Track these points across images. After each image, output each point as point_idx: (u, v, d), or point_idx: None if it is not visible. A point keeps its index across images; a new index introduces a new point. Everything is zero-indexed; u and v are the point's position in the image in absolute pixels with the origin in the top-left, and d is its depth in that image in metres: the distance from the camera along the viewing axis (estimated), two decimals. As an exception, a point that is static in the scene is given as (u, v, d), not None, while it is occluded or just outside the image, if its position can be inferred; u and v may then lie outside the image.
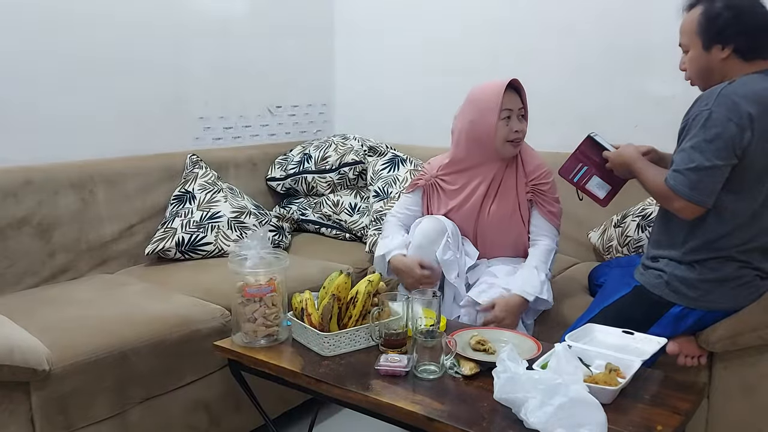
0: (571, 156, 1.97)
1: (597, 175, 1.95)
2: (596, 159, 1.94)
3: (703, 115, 1.61)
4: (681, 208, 1.66)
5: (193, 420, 1.92)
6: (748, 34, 1.64)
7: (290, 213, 2.93)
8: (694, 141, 1.62)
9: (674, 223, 1.74)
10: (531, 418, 1.23)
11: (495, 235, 2.07)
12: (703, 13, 1.67)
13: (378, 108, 3.32)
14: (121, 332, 1.76)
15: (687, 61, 1.74)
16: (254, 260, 1.68)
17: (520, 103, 1.99)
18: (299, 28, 3.24)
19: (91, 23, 2.40)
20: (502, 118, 1.95)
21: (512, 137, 1.97)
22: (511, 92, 1.97)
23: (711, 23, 1.66)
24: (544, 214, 2.04)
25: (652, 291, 1.75)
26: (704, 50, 1.68)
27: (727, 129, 1.58)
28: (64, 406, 1.62)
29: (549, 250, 2.03)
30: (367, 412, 1.47)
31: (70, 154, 2.36)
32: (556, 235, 2.07)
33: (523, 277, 1.94)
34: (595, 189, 1.97)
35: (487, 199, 2.05)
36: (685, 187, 1.62)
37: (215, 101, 2.89)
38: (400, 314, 1.66)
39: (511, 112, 1.96)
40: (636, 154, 1.82)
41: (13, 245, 2.11)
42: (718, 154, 1.59)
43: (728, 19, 1.63)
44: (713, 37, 1.66)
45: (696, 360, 1.76)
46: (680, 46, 1.76)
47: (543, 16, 2.74)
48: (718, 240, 1.68)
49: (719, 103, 1.59)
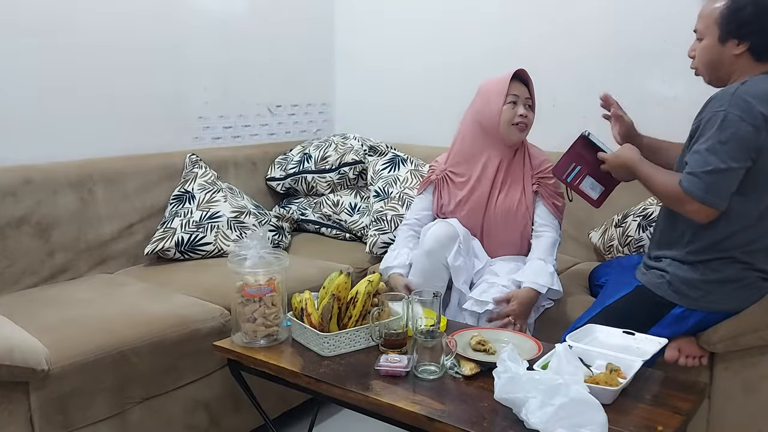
0: (564, 155, 1.93)
1: (590, 176, 1.92)
2: (590, 159, 1.90)
3: (718, 116, 1.57)
4: (695, 211, 1.63)
5: (192, 420, 1.92)
6: (766, 35, 1.60)
7: (290, 213, 2.92)
8: (709, 143, 1.58)
9: (680, 223, 1.72)
10: (531, 419, 1.22)
11: (501, 229, 2.08)
12: (729, 4, 1.62)
13: (378, 108, 3.31)
14: (120, 332, 1.76)
15: (698, 49, 1.69)
16: (254, 260, 1.68)
17: (527, 93, 2.04)
18: (299, 28, 3.23)
19: (90, 23, 2.39)
20: (508, 102, 2.01)
21: (517, 120, 2.00)
22: (518, 83, 2.03)
23: (734, 15, 1.61)
24: (549, 206, 2.06)
25: (654, 291, 1.74)
26: (719, 42, 1.64)
27: (742, 130, 1.55)
28: (64, 406, 1.62)
29: (554, 241, 2.04)
30: (367, 412, 1.47)
31: (70, 153, 2.36)
32: (559, 229, 2.08)
33: (533, 270, 1.96)
34: (588, 190, 1.93)
35: (494, 189, 2.07)
36: (700, 191, 1.58)
37: (215, 100, 2.89)
38: (400, 314, 1.66)
39: (517, 98, 2.01)
40: (638, 157, 1.78)
41: (12, 245, 2.11)
42: (733, 156, 1.56)
43: (751, 15, 1.59)
44: (732, 31, 1.62)
45: (697, 360, 1.76)
46: (694, 32, 1.71)
47: (543, 16, 2.73)
48: (723, 240, 1.67)
49: (733, 104, 1.56)
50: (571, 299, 2.07)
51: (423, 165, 2.78)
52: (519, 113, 2.00)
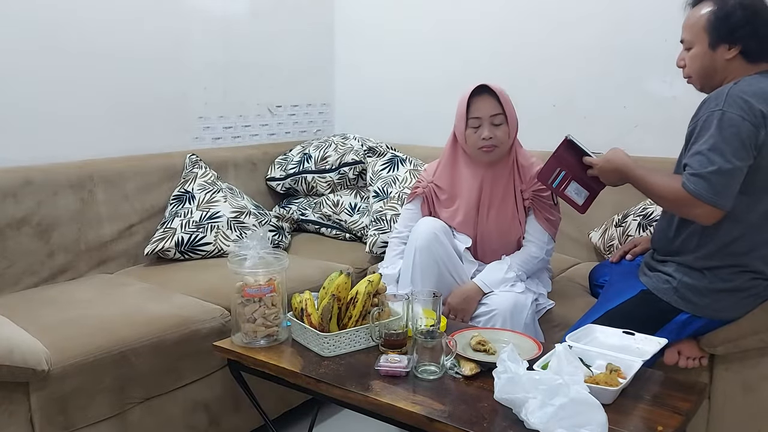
0: (548, 160, 1.85)
1: (575, 180, 1.85)
2: (574, 163, 1.83)
3: (715, 116, 1.55)
4: (701, 214, 1.59)
5: (192, 420, 1.92)
6: (758, 36, 1.60)
7: (290, 213, 2.92)
8: (710, 143, 1.55)
9: (685, 227, 1.69)
10: (531, 419, 1.22)
11: (495, 242, 2.06)
12: (715, 11, 1.62)
13: (378, 108, 3.32)
14: (120, 332, 1.76)
15: (688, 58, 1.69)
16: (254, 260, 1.68)
17: (495, 108, 1.93)
18: (299, 28, 3.23)
19: (90, 23, 2.39)
20: (470, 126, 1.95)
21: (480, 144, 1.95)
22: (484, 98, 1.94)
23: (722, 22, 1.61)
24: (540, 221, 2.03)
25: (660, 296, 1.71)
26: (710, 48, 1.63)
27: (742, 128, 1.53)
28: (64, 407, 1.62)
29: (532, 256, 2.02)
30: (367, 412, 1.47)
31: (70, 154, 2.36)
32: (546, 243, 2.03)
33: (489, 269, 2.00)
34: (573, 195, 1.87)
35: (482, 207, 2.04)
36: (708, 192, 1.54)
37: (215, 101, 2.89)
38: (400, 314, 1.66)
39: (480, 120, 1.94)
40: (631, 161, 1.73)
41: (12, 245, 2.11)
42: (736, 154, 1.54)
43: (741, 19, 1.59)
44: (723, 36, 1.61)
45: (697, 361, 1.75)
46: (681, 42, 1.71)
47: (544, 16, 2.73)
48: (731, 244, 1.64)
49: (730, 103, 1.54)
50: (571, 299, 2.07)
51: (422, 165, 2.78)
52: (482, 136, 1.93)
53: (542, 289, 2.05)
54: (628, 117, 2.56)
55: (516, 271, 1.98)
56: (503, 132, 1.95)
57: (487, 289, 1.95)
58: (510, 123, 1.96)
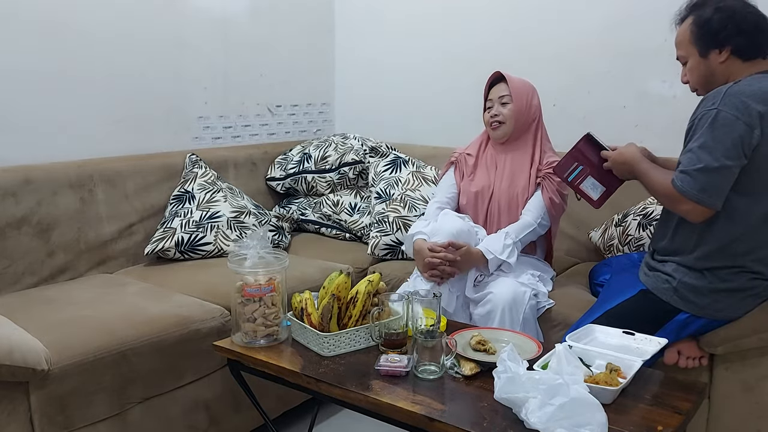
0: (567, 154, 1.93)
1: (592, 176, 1.91)
2: (593, 159, 1.90)
3: (710, 115, 1.57)
4: (688, 211, 1.62)
5: (192, 420, 1.92)
6: (743, 33, 1.62)
7: (290, 213, 2.92)
8: (701, 141, 1.58)
9: (684, 226, 1.70)
10: (531, 418, 1.22)
11: (504, 216, 2.15)
12: (695, 21, 1.66)
13: (378, 108, 3.31)
14: (120, 332, 1.76)
15: (687, 71, 1.72)
16: (254, 260, 1.68)
17: (504, 91, 2.14)
18: (299, 28, 3.23)
19: (90, 23, 2.39)
20: (486, 108, 2.20)
21: (489, 122, 2.18)
22: (499, 84, 2.17)
23: (704, 29, 1.65)
24: (544, 198, 2.11)
25: (659, 296, 1.72)
26: (702, 57, 1.67)
27: (735, 128, 1.54)
28: (64, 406, 1.62)
29: (527, 224, 2.09)
30: (367, 412, 1.47)
31: (70, 153, 2.36)
32: (541, 218, 2.10)
33: (491, 239, 2.07)
34: (589, 190, 1.92)
35: (497, 179, 2.18)
36: (693, 189, 1.58)
37: (215, 100, 2.89)
38: (400, 314, 1.66)
39: (492, 102, 2.17)
40: (639, 155, 1.78)
41: (12, 245, 2.11)
42: (727, 154, 1.55)
43: (721, 21, 1.62)
44: (709, 42, 1.65)
45: (697, 362, 1.75)
46: (678, 60, 1.74)
47: (544, 16, 2.73)
48: (730, 244, 1.64)
49: (726, 103, 1.56)
50: (571, 299, 2.07)
51: (424, 167, 2.78)
52: (491, 114, 2.16)
53: (542, 288, 2.06)
54: (628, 117, 2.56)
55: (513, 238, 2.05)
56: (508, 110, 2.13)
57: (490, 255, 2.00)
58: (516, 103, 2.12)
